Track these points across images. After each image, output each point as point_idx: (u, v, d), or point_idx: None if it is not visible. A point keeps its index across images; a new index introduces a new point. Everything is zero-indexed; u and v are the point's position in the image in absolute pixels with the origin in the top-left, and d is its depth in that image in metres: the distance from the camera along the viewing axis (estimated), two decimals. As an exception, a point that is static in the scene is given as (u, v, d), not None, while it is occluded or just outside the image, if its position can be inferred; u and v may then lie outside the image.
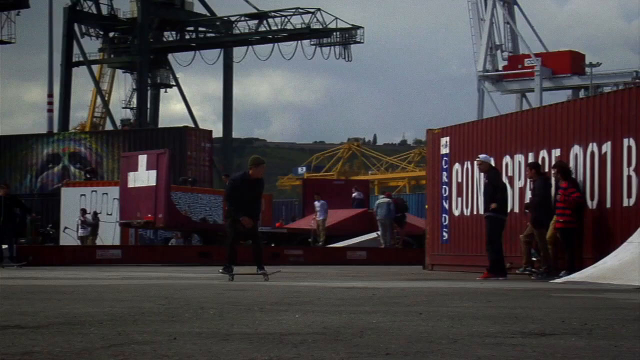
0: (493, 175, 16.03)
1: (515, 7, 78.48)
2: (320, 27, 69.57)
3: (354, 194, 37.66)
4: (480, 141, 19.51)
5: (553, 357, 4.52)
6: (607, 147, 15.86)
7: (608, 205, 15.72)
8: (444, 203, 20.69)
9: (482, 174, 17.26)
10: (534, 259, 16.27)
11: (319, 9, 69.43)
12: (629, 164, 15.30)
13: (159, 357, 4.47)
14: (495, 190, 15.78)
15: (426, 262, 21.34)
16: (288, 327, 6.01)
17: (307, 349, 4.76)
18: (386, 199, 29.81)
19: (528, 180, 17.17)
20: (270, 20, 71.44)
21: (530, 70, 75.07)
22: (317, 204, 30.88)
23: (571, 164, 16.42)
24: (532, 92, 76.07)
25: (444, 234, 20.70)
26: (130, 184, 27.50)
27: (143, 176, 26.97)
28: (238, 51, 74.00)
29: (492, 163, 16.60)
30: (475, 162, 17.24)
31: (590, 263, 14.56)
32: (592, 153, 16.14)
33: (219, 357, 4.46)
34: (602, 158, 15.91)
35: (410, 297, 9.73)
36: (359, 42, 70.86)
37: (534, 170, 16.24)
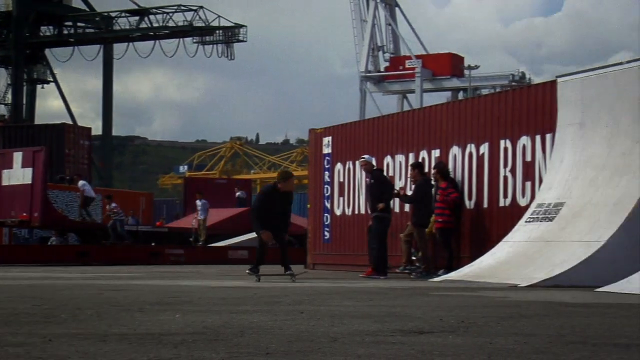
0: (378, 176, 16.19)
1: (397, 9, 79.57)
2: (203, 25, 69.09)
3: (237, 194, 37.54)
4: (362, 141, 19.70)
5: (430, 355, 4.59)
6: (484, 149, 16.24)
7: (485, 205, 16.09)
8: (326, 202, 20.81)
9: (364, 174, 17.42)
10: (413, 257, 16.51)
11: (201, 7, 68.96)
12: (505, 165, 15.72)
13: (33, 359, 4.36)
14: (382, 190, 15.95)
15: (308, 261, 21.42)
16: (168, 327, 5.94)
17: (187, 349, 4.72)
18: (268, 199, 29.82)
19: (408, 180, 17.41)
20: (151, 16, 70.59)
21: (411, 71, 76.35)
22: (198, 203, 30.65)
23: (450, 165, 16.74)
24: (413, 93, 77.30)
25: (326, 233, 20.82)
26: (5, 182, 26.79)
27: (18, 174, 26.30)
28: (118, 47, 72.85)
29: (374, 163, 16.77)
30: (359, 162, 17.38)
31: (467, 262, 14.87)
32: (471, 154, 16.50)
33: (96, 359, 4.38)
34: (480, 159, 16.29)
35: (291, 296, 9.74)
36: (242, 41, 70.67)
37: (417, 170, 16.49)
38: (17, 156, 26.67)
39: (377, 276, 15.55)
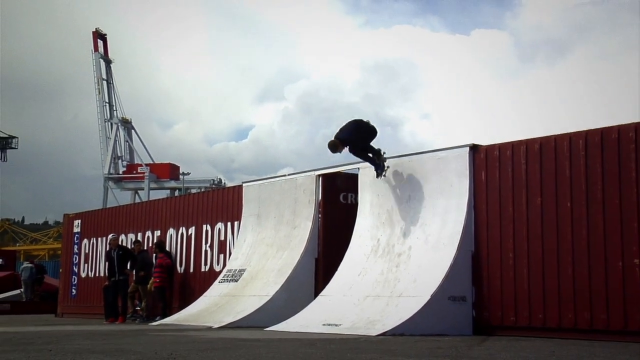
0: (125, 249, 15.82)
1: (133, 130, 78.31)
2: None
3: None
4: (104, 223, 18.96)
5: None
6: (192, 230, 16.14)
7: (191, 270, 15.91)
8: (74, 267, 19.66)
9: (110, 247, 16.55)
10: (137, 308, 15.95)
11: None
12: (207, 242, 15.71)
13: None
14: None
15: (58, 311, 19.98)
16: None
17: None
18: (29, 264, 27.77)
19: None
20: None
21: (142, 174, 74.96)
22: None
23: (167, 241, 16.46)
24: (142, 190, 75.74)
25: (73, 290, 19.63)
26: None
27: None
28: None
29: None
30: (109, 238, 16.47)
31: (177, 310, 14.54)
32: (182, 234, 16.33)
33: None
34: (189, 237, 16.16)
35: (43, 338, 9.01)
36: (14, 148, 65.98)
37: (139, 243, 16.22)
38: None
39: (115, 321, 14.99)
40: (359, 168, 12.22)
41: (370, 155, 11.38)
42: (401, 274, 10.62)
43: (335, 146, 10.96)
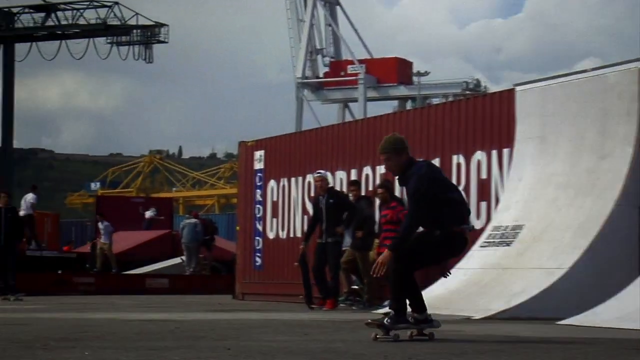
0: (338, 194, 16.33)
1: (338, 7, 79.66)
2: (118, 23, 68.62)
3: (147, 213, 36.87)
4: (299, 155, 19.68)
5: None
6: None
7: (436, 227, 16.14)
8: (257, 224, 20.72)
9: (314, 191, 17.23)
10: (355, 287, 16.49)
11: (116, 3, 68.48)
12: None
13: None
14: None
15: (236, 290, 21.30)
16: (75, 366, 5.86)
17: (97, 392, 4.66)
18: (193, 220, 29.66)
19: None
20: (59, 13, 69.85)
21: (353, 77, 76.43)
22: (100, 225, 30.22)
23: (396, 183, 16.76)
24: (355, 102, 77.48)
25: (257, 259, 20.72)
26: None
27: None
28: (21, 48, 71.97)
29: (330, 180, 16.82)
30: (313, 178, 17.12)
31: (416, 291, 14.88)
32: (420, 170, 16.54)
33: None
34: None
35: (217, 331, 9.67)
36: (163, 42, 70.35)
37: (356, 186, 16.58)
38: None
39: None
40: None
41: None
42: None
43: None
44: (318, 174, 16.58)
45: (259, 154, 20.83)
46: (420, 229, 8.60)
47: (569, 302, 11.71)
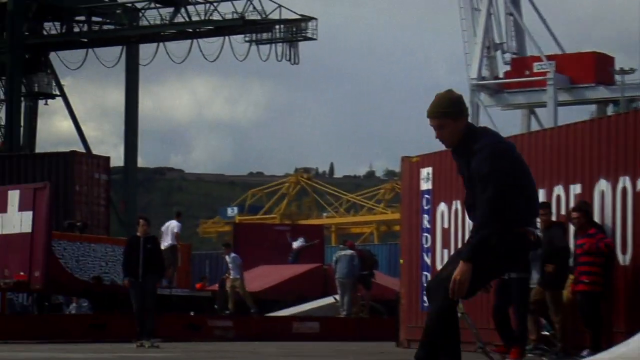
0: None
1: (522, -7, 78.96)
2: (258, 17, 69.37)
3: (294, 243, 36.95)
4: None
5: None
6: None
7: (647, 259, 15.82)
8: (425, 257, 20.65)
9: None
10: (545, 332, 16.31)
11: (256, -7, 69.29)
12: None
13: None
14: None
15: (401, 337, 21.28)
16: None
17: None
18: (348, 251, 29.63)
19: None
20: (190, 8, 70.99)
21: (541, 77, 75.54)
22: (227, 258, 30.29)
23: (596, 205, 16.51)
24: (543, 107, 76.59)
25: (426, 298, 20.62)
26: (-4, 231, 27.13)
27: (14, 220, 26.65)
28: (146, 50, 73.48)
29: None
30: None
31: (623, 339, 14.60)
32: (624, 190, 16.25)
33: None
34: (638, 197, 16.03)
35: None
36: (311, 39, 70.90)
37: (546, 210, 16.36)
38: (13, 196, 27.01)
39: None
40: None
41: None
42: None
43: None
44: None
45: (426, 171, 20.77)
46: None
47: None
